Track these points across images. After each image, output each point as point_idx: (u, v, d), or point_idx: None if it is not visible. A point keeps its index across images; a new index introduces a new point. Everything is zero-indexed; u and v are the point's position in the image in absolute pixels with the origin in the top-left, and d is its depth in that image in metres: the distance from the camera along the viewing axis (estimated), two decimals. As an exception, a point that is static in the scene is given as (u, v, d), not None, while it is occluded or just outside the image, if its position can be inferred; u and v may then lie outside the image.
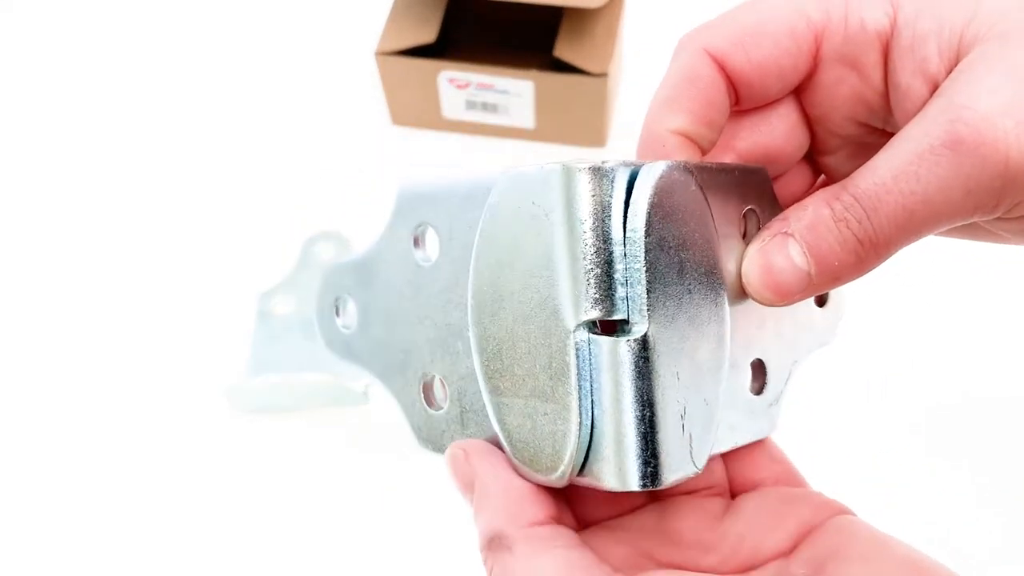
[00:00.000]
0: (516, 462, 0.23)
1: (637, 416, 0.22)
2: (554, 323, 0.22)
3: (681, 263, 0.23)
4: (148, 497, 0.46)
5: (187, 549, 0.45)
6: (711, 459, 0.24)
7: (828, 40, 0.24)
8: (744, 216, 0.25)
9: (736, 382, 0.26)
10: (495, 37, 0.58)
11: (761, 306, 0.25)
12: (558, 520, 0.23)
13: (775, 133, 0.26)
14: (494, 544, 0.22)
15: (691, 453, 0.23)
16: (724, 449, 0.25)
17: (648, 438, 0.22)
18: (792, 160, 0.27)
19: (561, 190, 0.22)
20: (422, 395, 0.27)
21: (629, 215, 0.22)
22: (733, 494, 0.26)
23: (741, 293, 0.25)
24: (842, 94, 0.25)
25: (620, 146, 0.58)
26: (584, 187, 0.22)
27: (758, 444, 0.27)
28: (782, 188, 0.27)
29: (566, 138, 0.58)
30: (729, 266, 0.24)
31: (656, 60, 0.69)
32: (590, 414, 0.22)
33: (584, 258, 0.22)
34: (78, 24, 0.68)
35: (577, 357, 0.22)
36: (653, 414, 0.22)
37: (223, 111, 0.62)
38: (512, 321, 0.23)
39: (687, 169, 0.23)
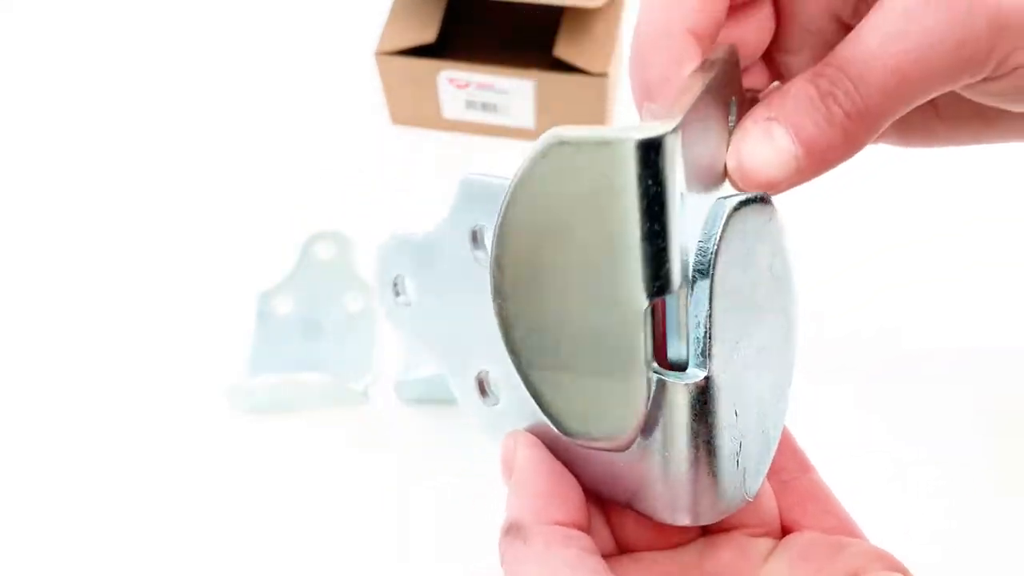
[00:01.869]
0: (562, 432, 0.22)
1: (691, 458, 0.21)
2: (620, 302, 0.20)
3: (747, 300, 0.22)
4: (148, 497, 0.46)
5: (186, 549, 0.45)
6: (764, 494, 0.24)
7: None
8: (726, 105, 0.24)
9: None
10: (495, 37, 0.58)
11: None
12: (582, 527, 0.23)
13: (744, 22, 0.25)
14: (512, 531, 0.22)
15: (744, 485, 0.23)
16: None
17: (700, 478, 0.22)
18: (754, 55, 0.25)
19: (635, 166, 0.19)
20: (477, 388, 0.26)
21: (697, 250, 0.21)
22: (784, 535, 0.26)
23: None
24: None
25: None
26: (666, 160, 0.19)
27: (814, 492, 0.26)
28: None
29: (566, 138, 0.58)
30: (718, 158, 0.23)
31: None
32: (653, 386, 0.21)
33: (657, 237, 0.20)
34: (78, 24, 0.68)
35: (644, 337, 0.21)
36: (709, 454, 0.21)
37: (222, 111, 0.62)
38: (559, 297, 0.21)
39: (764, 201, 0.22)
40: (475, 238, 0.25)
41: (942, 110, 0.27)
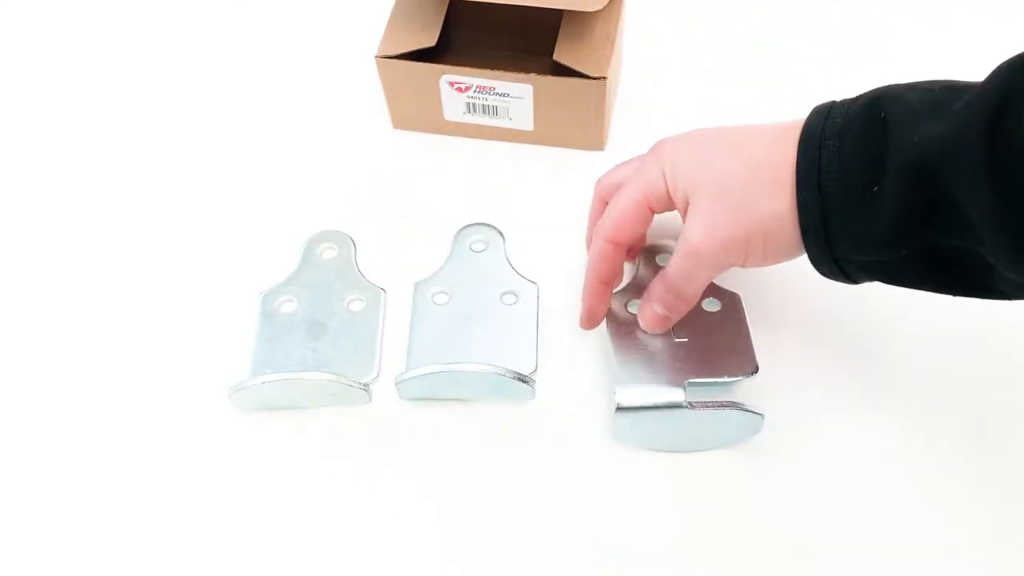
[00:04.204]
0: None
1: None
2: None
3: None
4: (149, 496, 0.46)
5: (187, 548, 0.45)
6: None
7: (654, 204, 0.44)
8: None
9: None
10: (495, 41, 0.58)
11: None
12: None
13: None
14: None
15: None
16: None
17: None
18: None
19: None
20: None
21: None
22: None
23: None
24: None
25: (618, 148, 0.59)
26: None
27: None
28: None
29: (565, 141, 0.58)
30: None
31: (654, 63, 0.69)
32: None
33: None
34: (79, 28, 0.68)
35: None
36: None
37: (225, 115, 0.63)
38: None
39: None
40: None
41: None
